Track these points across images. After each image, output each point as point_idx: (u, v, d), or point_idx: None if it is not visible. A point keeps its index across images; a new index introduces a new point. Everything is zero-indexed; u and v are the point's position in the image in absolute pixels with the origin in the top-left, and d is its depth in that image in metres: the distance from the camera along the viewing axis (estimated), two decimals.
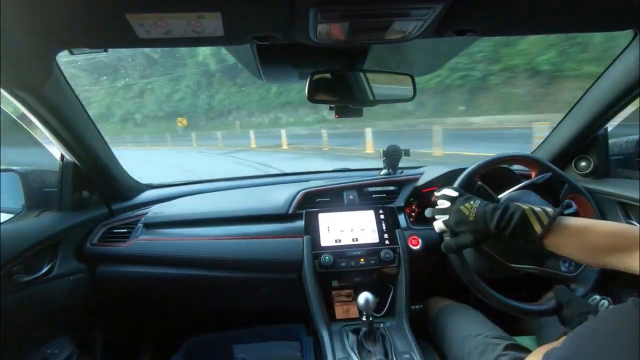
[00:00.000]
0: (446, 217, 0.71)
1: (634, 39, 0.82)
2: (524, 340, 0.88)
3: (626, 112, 0.99)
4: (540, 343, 0.90)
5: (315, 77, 0.82)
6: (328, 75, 0.84)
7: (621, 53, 0.87)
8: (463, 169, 0.84)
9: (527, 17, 0.66)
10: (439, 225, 0.74)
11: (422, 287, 1.08)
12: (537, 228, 0.60)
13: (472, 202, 0.68)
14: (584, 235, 0.59)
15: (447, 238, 0.73)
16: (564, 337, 0.55)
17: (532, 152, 1.21)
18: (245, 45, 0.73)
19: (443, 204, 0.73)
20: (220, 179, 1.44)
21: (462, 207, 0.68)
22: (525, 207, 0.63)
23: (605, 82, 0.93)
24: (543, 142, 1.20)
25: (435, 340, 0.99)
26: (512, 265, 0.78)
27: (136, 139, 17.95)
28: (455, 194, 0.72)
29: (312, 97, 0.84)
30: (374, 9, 0.56)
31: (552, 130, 1.15)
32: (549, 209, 0.62)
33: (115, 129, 19.93)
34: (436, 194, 0.77)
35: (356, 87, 0.87)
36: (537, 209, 0.62)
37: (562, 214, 0.62)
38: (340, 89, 0.87)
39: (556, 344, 0.56)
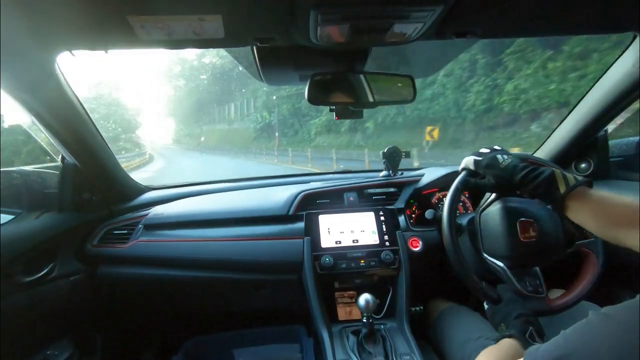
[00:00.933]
0: (480, 158, 0.76)
1: (633, 40, 0.82)
2: None
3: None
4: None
5: (315, 79, 0.82)
6: (328, 77, 0.84)
7: (621, 54, 0.87)
8: None
9: (527, 18, 0.66)
10: (468, 160, 0.79)
11: (422, 288, 1.08)
12: (562, 188, 0.63)
13: (508, 157, 0.72)
14: (605, 204, 0.61)
15: (462, 176, 0.79)
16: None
17: (532, 154, 1.21)
18: (245, 47, 0.74)
19: (484, 149, 0.78)
20: (220, 181, 1.44)
21: (498, 156, 0.73)
22: (556, 169, 0.66)
23: (605, 84, 0.93)
24: (543, 143, 1.20)
25: (435, 342, 0.99)
26: (485, 255, 0.82)
27: (281, 153, 13.57)
28: (499, 148, 0.78)
29: (313, 99, 0.84)
30: (374, 11, 0.56)
31: (553, 132, 1.15)
32: (578, 177, 0.65)
33: (341, 142, 14.23)
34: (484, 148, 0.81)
35: (356, 88, 0.87)
36: (567, 173, 0.66)
37: (590, 186, 0.64)
38: (341, 90, 0.87)
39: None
